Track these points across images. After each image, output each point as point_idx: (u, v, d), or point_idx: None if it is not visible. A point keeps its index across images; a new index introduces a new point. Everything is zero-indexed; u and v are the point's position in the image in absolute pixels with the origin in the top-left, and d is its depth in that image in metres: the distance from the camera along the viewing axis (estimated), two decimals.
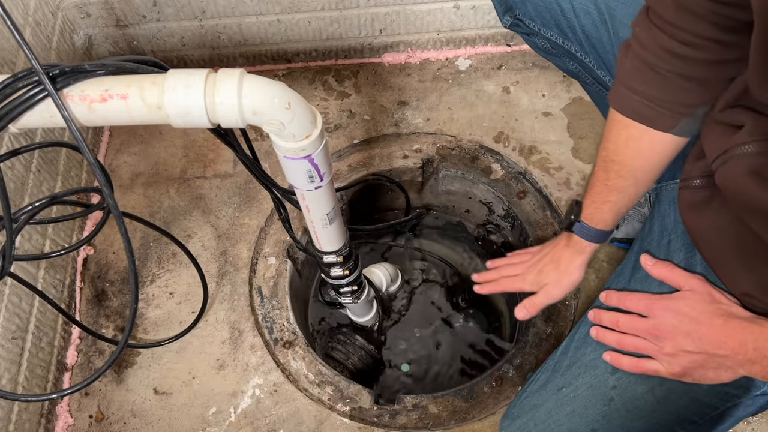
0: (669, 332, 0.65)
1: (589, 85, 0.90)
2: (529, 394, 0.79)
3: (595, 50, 0.80)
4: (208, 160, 1.25)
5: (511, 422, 0.79)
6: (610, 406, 0.71)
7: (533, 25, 0.85)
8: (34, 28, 1.09)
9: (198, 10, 1.23)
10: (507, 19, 0.88)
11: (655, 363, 0.67)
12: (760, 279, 0.61)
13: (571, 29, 0.80)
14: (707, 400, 0.68)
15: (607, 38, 0.77)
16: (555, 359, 0.80)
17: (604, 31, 0.77)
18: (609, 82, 0.82)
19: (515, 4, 0.84)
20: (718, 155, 0.59)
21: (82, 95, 0.52)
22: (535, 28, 0.85)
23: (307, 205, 0.71)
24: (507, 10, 0.87)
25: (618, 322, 0.71)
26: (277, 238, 1.15)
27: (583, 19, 0.78)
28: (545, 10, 0.81)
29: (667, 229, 0.75)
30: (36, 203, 0.69)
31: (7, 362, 0.91)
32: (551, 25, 0.83)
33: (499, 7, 0.88)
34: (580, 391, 0.73)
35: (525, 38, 0.91)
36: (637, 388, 0.70)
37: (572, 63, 0.87)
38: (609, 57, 0.79)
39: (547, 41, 0.86)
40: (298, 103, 0.55)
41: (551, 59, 0.92)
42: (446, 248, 1.48)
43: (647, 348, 0.67)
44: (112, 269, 1.14)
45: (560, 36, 0.83)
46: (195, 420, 0.99)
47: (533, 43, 0.90)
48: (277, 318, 1.07)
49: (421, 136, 1.25)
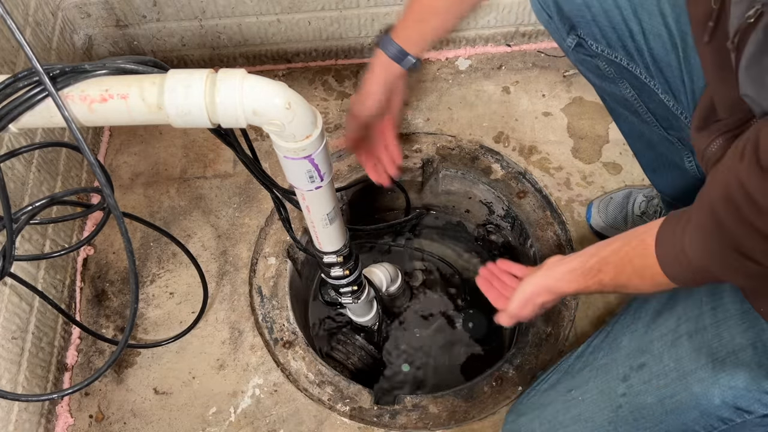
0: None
1: (639, 115, 0.86)
2: (538, 393, 0.79)
3: (662, 74, 0.77)
4: (208, 160, 1.25)
5: (516, 418, 0.79)
6: (617, 412, 0.71)
7: (598, 47, 0.81)
8: (34, 28, 1.09)
9: (198, 10, 1.23)
10: (572, 39, 0.82)
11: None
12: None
13: (638, 51, 0.77)
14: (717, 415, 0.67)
15: (677, 63, 0.75)
16: (569, 361, 0.80)
17: (673, 56, 0.75)
18: (672, 107, 0.80)
19: (579, 24, 0.80)
20: (703, 166, 0.60)
21: (83, 95, 0.52)
22: (600, 49, 0.81)
23: (307, 205, 0.71)
24: (570, 30, 0.82)
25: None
26: (277, 238, 1.15)
27: (653, 42, 0.75)
28: (612, 30, 0.78)
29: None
30: (36, 203, 0.69)
31: (7, 362, 0.91)
32: (617, 47, 0.79)
33: (561, 29, 0.83)
34: (589, 395, 0.73)
35: (586, 61, 0.86)
36: (647, 397, 0.69)
37: (630, 90, 0.84)
38: (677, 81, 0.76)
39: (611, 64, 0.82)
40: (298, 103, 0.55)
41: (606, 86, 0.87)
42: (446, 248, 1.48)
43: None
44: (112, 269, 1.14)
45: (626, 58, 0.79)
46: (195, 420, 0.99)
47: (594, 66, 0.85)
48: (277, 318, 1.07)
49: (421, 136, 1.25)
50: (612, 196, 1.12)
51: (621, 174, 1.19)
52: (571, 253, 1.10)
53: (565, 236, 1.13)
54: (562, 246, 1.12)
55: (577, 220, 1.14)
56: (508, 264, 0.86)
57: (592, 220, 1.12)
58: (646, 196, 1.08)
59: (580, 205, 1.16)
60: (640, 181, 1.16)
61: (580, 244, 1.12)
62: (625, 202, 1.10)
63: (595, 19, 0.78)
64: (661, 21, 0.74)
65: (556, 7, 0.80)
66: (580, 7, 0.77)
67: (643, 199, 1.08)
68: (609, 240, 0.69)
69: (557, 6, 0.80)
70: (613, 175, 1.19)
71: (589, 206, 1.14)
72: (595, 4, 0.76)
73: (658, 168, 0.96)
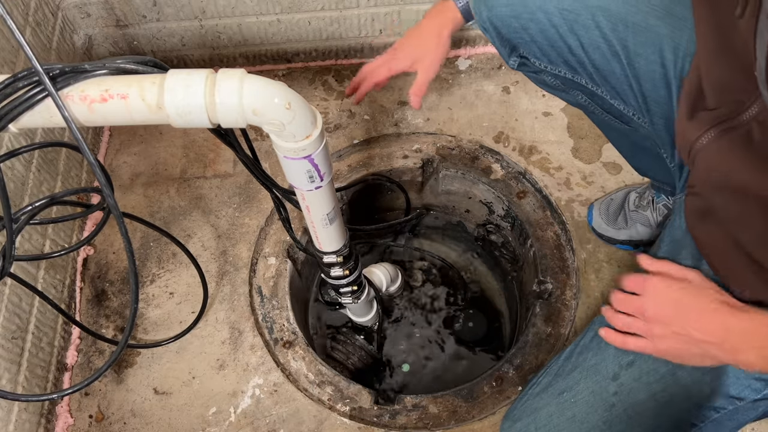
0: (660, 313, 0.65)
1: (596, 115, 0.90)
2: (531, 397, 0.79)
3: (607, 81, 0.79)
4: (208, 160, 1.25)
5: (511, 424, 0.79)
6: (611, 411, 0.71)
7: (540, 63, 0.84)
8: (34, 28, 1.09)
9: (198, 10, 1.23)
10: (514, 60, 0.86)
11: (643, 341, 0.67)
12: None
13: (581, 64, 0.80)
14: (709, 404, 0.68)
15: (620, 69, 0.77)
16: (558, 363, 0.80)
17: (616, 63, 0.76)
18: (623, 110, 0.82)
19: (519, 45, 0.83)
20: (688, 157, 0.60)
21: (82, 95, 0.52)
22: (542, 66, 0.84)
23: (307, 205, 0.71)
24: (512, 52, 0.85)
25: (614, 299, 0.71)
26: (277, 238, 1.15)
27: (593, 54, 0.77)
28: (551, 48, 0.80)
29: (676, 240, 0.75)
30: (36, 203, 0.69)
31: (7, 362, 0.91)
32: (559, 62, 0.82)
33: (503, 51, 0.86)
34: (582, 396, 0.73)
35: (532, 77, 0.90)
36: (639, 394, 0.70)
37: (582, 96, 0.87)
38: (623, 87, 0.78)
39: (556, 78, 0.85)
40: (298, 103, 0.55)
41: (560, 95, 0.91)
42: (446, 248, 1.48)
43: (637, 326, 0.68)
44: (112, 269, 1.14)
45: (569, 71, 0.82)
46: (195, 420, 0.99)
47: (541, 80, 0.89)
48: (277, 318, 1.07)
49: (421, 136, 1.25)
50: (612, 197, 1.12)
51: (621, 174, 1.19)
52: (571, 253, 1.11)
53: (565, 236, 1.13)
54: (562, 246, 1.12)
55: (577, 220, 1.14)
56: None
57: (594, 222, 1.12)
58: (638, 192, 1.09)
59: (581, 205, 1.16)
60: (640, 180, 1.16)
61: (580, 244, 1.12)
62: (625, 202, 1.10)
63: (534, 40, 0.80)
64: (598, 33, 0.75)
65: (495, 32, 0.83)
66: (518, 30, 0.80)
67: (636, 195, 1.09)
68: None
69: (496, 30, 0.83)
70: (613, 175, 1.19)
71: (590, 208, 1.14)
72: (532, 26, 0.79)
73: (636, 153, 0.98)
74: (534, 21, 0.78)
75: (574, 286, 1.08)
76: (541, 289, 1.09)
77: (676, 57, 0.72)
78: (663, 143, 0.80)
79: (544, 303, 1.07)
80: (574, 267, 1.10)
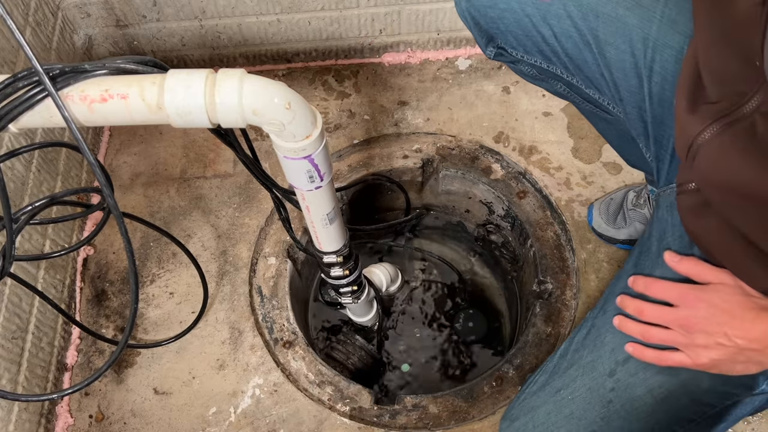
0: (701, 324, 0.63)
1: (579, 104, 0.91)
2: (528, 396, 0.79)
3: (581, 71, 0.80)
4: (208, 160, 1.25)
5: (510, 424, 0.79)
6: (608, 408, 0.71)
7: (516, 53, 0.85)
8: (34, 28, 1.09)
9: (198, 10, 1.23)
10: (491, 50, 0.88)
11: (682, 355, 0.64)
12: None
13: (555, 54, 0.81)
14: (707, 400, 0.68)
15: (592, 59, 0.78)
16: (554, 361, 0.80)
17: (588, 53, 0.78)
18: (599, 99, 0.83)
19: (496, 35, 0.85)
20: (687, 153, 0.59)
21: (82, 95, 0.52)
22: (519, 55, 0.86)
23: (307, 205, 0.71)
24: (489, 41, 0.87)
25: (643, 311, 0.68)
26: (277, 238, 1.15)
27: (566, 43, 0.79)
28: (525, 38, 0.82)
29: (664, 233, 0.75)
30: (36, 203, 0.69)
31: (7, 362, 0.91)
32: (534, 52, 0.83)
33: (480, 41, 0.88)
34: (579, 393, 0.73)
35: (511, 66, 0.92)
36: (636, 390, 0.70)
37: (560, 85, 0.88)
38: (596, 76, 0.79)
39: (533, 67, 0.86)
40: (298, 103, 0.55)
41: (540, 84, 0.92)
42: (446, 248, 1.48)
43: (675, 339, 0.65)
44: (112, 269, 1.14)
45: (544, 61, 0.84)
46: (195, 420, 0.99)
47: (519, 70, 0.90)
48: (277, 318, 1.07)
49: (421, 136, 1.25)
50: (612, 197, 1.12)
51: (621, 174, 1.19)
52: (571, 253, 1.11)
53: (565, 236, 1.13)
54: (562, 246, 1.12)
55: (577, 220, 1.14)
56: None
57: (594, 222, 1.12)
58: (636, 191, 1.09)
59: (581, 205, 1.16)
60: (640, 180, 1.16)
61: (580, 244, 1.12)
62: (624, 201, 1.10)
63: (509, 29, 0.82)
64: (569, 23, 0.76)
65: (473, 21, 0.85)
66: (494, 20, 0.82)
67: (634, 194, 1.09)
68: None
69: (474, 20, 0.84)
70: (613, 175, 1.19)
71: (590, 208, 1.14)
72: (507, 16, 0.80)
73: (623, 144, 0.98)
74: (509, 11, 0.80)
75: (574, 286, 1.08)
76: (541, 289, 1.09)
77: (645, 47, 0.72)
78: (638, 133, 0.80)
79: (544, 303, 1.07)
80: (574, 267, 1.10)
